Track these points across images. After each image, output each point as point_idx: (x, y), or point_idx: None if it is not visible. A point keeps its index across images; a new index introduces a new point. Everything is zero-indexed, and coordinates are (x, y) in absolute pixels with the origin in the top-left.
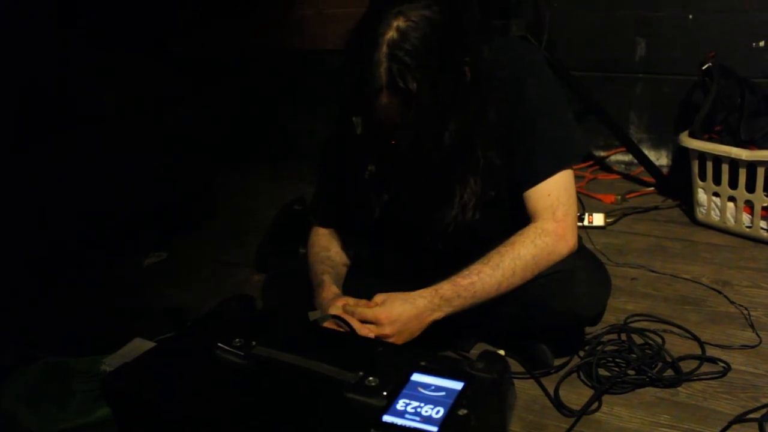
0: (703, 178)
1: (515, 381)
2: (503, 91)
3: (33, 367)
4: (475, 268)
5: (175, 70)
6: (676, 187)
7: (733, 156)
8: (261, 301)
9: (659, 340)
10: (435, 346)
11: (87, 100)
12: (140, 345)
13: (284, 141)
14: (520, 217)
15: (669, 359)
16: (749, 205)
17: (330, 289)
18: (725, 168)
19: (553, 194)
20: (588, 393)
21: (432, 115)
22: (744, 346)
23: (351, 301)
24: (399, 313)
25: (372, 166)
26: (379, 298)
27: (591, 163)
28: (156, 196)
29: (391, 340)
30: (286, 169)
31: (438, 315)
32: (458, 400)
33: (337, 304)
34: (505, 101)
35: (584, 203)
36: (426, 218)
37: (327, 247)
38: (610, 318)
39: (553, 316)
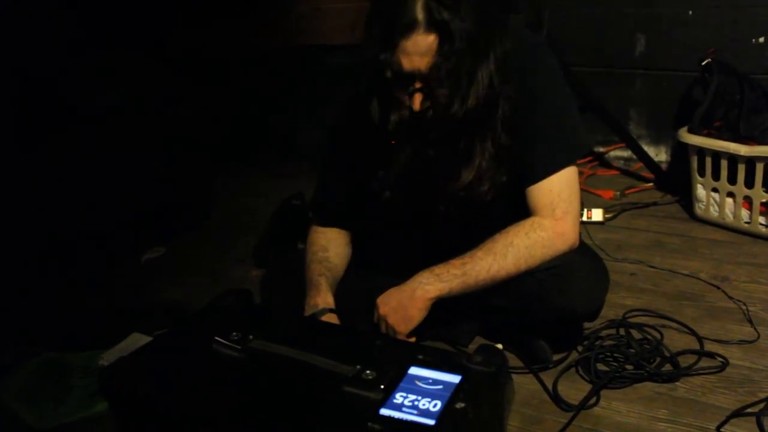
0: (702, 173)
1: (514, 376)
2: (513, 83)
3: (31, 363)
4: (469, 252)
5: (175, 70)
6: (675, 182)
7: (732, 151)
8: (259, 296)
9: (658, 335)
10: (433, 340)
11: (87, 100)
12: (138, 340)
13: (284, 139)
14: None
15: (667, 354)
16: (748, 201)
17: (324, 296)
18: (724, 164)
19: (555, 191)
20: (586, 388)
21: (466, 57)
22: (742, 341)
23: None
24: (388, 292)
25: (396, 115)
26: (377, 300)
27: (590, 158)
28: (155, 195)
29: (391, 322)
30: (286, 167)
31: (430, 290)
32: (455, 393)
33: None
34: (513, 95)
35: (583, 199)
36: (446, 175)
37: (326, 247)
38: (608, 313)
39: (551, 311)
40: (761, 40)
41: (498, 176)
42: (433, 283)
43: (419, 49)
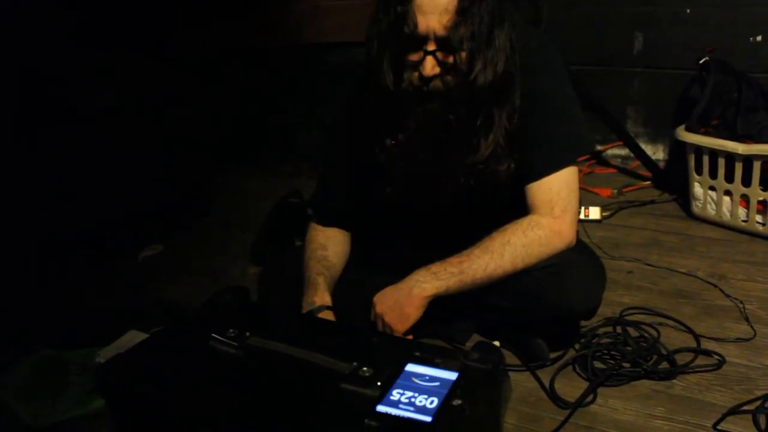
0: (699, 172)
1: (511, 373)
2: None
3: (29, 360)
4: (466, 250)
5: (174, 69)
6: (673, 181)
7: (729, 150)
8: (257, 293)
9: (654, 333)
10: (430, 337)
11: (87, 100)
12: (135, 337)
13: (283, 138)
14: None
15: (664, 352)
16: (745, 199)
17: (322, 295)
18: (721, 162)
19: (554, 189)
20: (583, 385)
21: (485, 21)
22: (738, 339)
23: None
24: (392, 298)
25: (407, 77)
26: (374, 299)
27: (588, 156)
28: (155, 194)
29: (387, 320)
30: (285, 166)
31: (426, 288)
32: (452, 390)
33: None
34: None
35: (581, 197)
36: (466, 145)
37: (325, 246)
38: (605, 311)
39: (548, 309)
40: (759, 38)
41: (511, 159)
42: (429, 282)
43: (437, 6)
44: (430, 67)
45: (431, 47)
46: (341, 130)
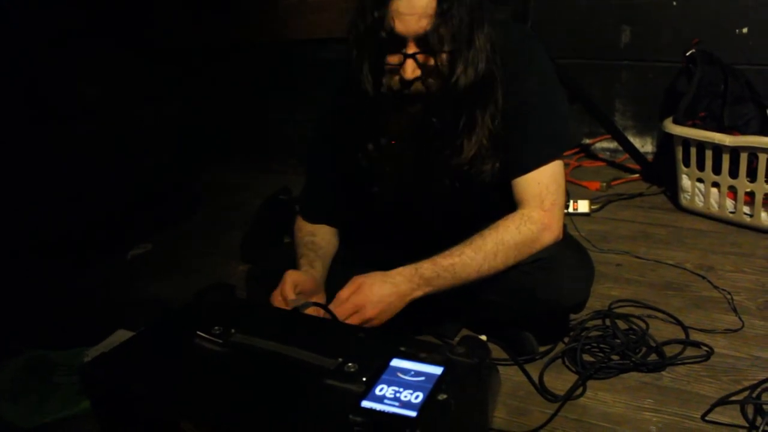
0: (687, 164)
1: (500, 367)
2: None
3: (16, 361)
4: (457, 249)
5: (160, 65)
6: (661, 173)
7: (716, 142)
8: (245, 290)
9: (643, 326)
10: (417, 332)
11: (72, 96)
12: (123, 336)
13: (270, 134)
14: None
15: (653, 344)
16: (732, 191)
17: (313, 265)
18: (709, 154)
19: (542, 183)
20: (572, 378)
21: (465, 21)
22: (727, 330)
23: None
24: (380, 295)
25: (388, 82)
26: (357, 280)
27: (576, 150)
28: (142, 191)
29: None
30: (273, 161)
31: (418, 293)
32: (437, 385)
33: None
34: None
35: (569, 190)
36: (449, 147)
37: (312, 233)
38: (594, 304)
39: (536, 304)
40: (744, 30)
41: (495, 158)
42: (421, 287)
43: (415, 9)
44: (410, 70)
45: (411, 50)
46: (325, 129)
